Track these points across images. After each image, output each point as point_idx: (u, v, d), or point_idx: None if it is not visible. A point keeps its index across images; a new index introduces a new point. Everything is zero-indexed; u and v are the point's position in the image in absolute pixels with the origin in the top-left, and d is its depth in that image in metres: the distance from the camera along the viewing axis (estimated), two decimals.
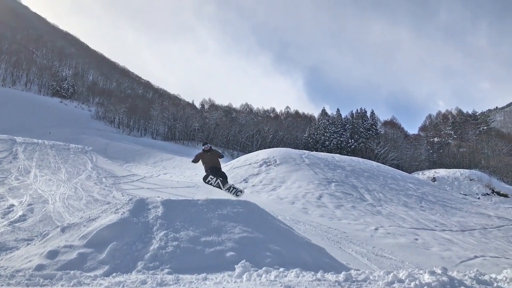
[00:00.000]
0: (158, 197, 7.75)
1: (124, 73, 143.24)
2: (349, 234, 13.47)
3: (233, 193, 9.99)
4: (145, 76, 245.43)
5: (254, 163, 26.14)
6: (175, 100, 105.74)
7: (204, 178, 10.24)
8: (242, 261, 5.33)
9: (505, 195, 45.33)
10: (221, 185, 9.99)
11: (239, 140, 71.14)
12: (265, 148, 43.99)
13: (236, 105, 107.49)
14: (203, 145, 10.54)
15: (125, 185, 20.25)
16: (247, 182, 22.99)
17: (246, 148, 68.14)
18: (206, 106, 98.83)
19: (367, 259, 10.65)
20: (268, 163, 25.55)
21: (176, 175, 31.45)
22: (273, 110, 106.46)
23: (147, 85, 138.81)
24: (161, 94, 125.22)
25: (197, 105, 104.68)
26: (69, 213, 11.37)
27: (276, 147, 44.79)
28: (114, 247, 5.60)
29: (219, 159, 10.51)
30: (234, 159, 35.98)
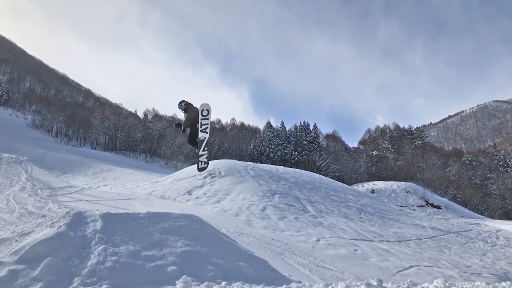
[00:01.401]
0: (97, 210, 7.50)
1: (64, 80, 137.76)
2: (291, 245, 13.64)
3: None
4: (86, 84, 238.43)
5: (199, 175, 25.90)
6: (117, 109, 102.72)
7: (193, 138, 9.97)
8: (183, 277, 5.26)
9: (438, 207, 47.70)
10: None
11: (184, 151, 70.23)
12: (210, 159, 43.70)
13: (181, 115, 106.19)
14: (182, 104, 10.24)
15: (62, 197, 19.41)
16: (190, 194, 22.72)
17: (190, 160, 67.37)
18: (150, 116, 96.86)
19: (309, 271, 10.82)
20: (213, 175, 25.42)
21: (117, 187, 30.53)
22: (219, 121, 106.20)
23: (88, 93, 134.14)
24: (103, 103, 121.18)
25: (140, 114, 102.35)
26: (0, 227, 10.73)
27: (221, 158, 44.67)
28: (49, 263, 5.33)
29: None
30: (178, 170, 35.48)
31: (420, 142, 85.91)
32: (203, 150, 9.75)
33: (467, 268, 14.45)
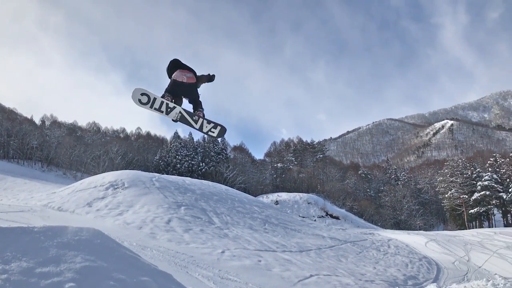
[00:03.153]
0: None
1: None
2: (196, 258, 13.54)
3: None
4: None
5: (100, 186, 24.76)
6: (10, 114, 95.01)
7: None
8: None
9: (337, 217, 50.30)
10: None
11: (84, 160, 66.59)
12: (112, 170, 42.06)
13: (82, 123, 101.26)
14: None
15: None
16: (91, 206, 21.61)
17: (91, 170, 63.98)
18: (48, 123, 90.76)
19: (213, 283, 10.81)
20: (116, 186, 24.44)
21: (8, 198, 28.17)
22: (123, 130, 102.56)
23: None
24: None
25: (37, 121, 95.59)
26: None
27: (125, 169, 43.16)
28: None
29: None
30: (77, 181, 33.60)
31: (321, 155, 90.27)
32: None
33: (362, 275, 15.40)
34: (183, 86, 6.91)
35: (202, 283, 10.56)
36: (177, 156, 73.30)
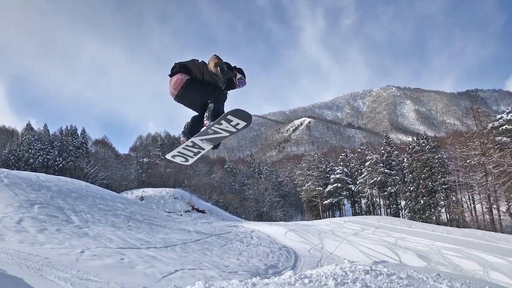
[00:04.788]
0: None
1: None
2: (52, 259, 12.59)
3: None
4: None
5: None
6: None
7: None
8: None
9: (203, 211, 50.88)
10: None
11: None
12: None
13: None
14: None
15: None
16: None
17: None
18: None
19: (71, 284, 10.18)
20: None
21: None
22: None
23: None
24: None
25: None
26: None
27: None
28: None
29: None
30: None
31: None
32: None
33: (226, 267, 15.84)
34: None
35: (58, 285, 9.88)
36: (30, 150, 66.80)
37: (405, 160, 62.05)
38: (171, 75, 5.49)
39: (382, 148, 69.45)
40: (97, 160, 69.28)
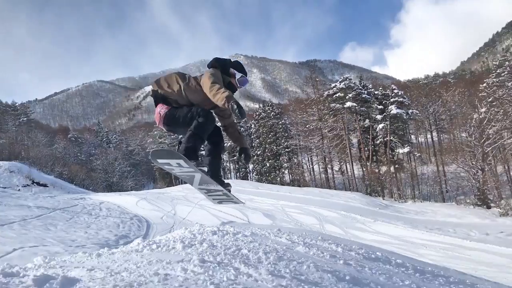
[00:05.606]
0: None
1: None
2: None
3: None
4: None
5: None
6: None
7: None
8: None
9: (45, 185, 47.19)
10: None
11: None
12: None
13: None
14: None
15: None
16: None
17: None
18: None
19: None
20: None
21: None
22: None
23: None
24: None
25: None
26: None
27: None
28: None
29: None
30: None
31: (25, 119, 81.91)
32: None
33: (72, 242, 15.22)
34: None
35: None
36: None
37: (252, 126, 65.37)
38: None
39: None
40: None
